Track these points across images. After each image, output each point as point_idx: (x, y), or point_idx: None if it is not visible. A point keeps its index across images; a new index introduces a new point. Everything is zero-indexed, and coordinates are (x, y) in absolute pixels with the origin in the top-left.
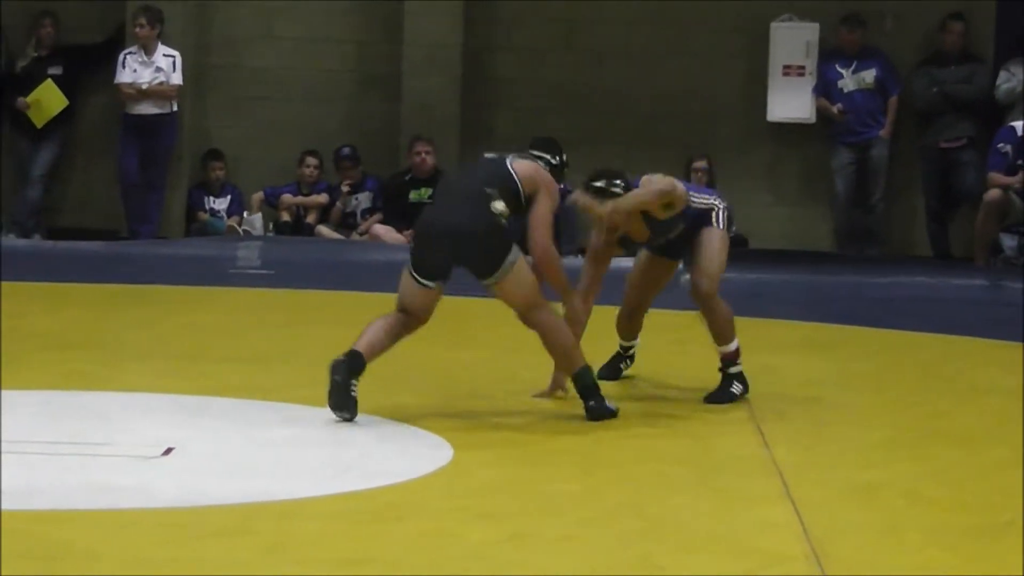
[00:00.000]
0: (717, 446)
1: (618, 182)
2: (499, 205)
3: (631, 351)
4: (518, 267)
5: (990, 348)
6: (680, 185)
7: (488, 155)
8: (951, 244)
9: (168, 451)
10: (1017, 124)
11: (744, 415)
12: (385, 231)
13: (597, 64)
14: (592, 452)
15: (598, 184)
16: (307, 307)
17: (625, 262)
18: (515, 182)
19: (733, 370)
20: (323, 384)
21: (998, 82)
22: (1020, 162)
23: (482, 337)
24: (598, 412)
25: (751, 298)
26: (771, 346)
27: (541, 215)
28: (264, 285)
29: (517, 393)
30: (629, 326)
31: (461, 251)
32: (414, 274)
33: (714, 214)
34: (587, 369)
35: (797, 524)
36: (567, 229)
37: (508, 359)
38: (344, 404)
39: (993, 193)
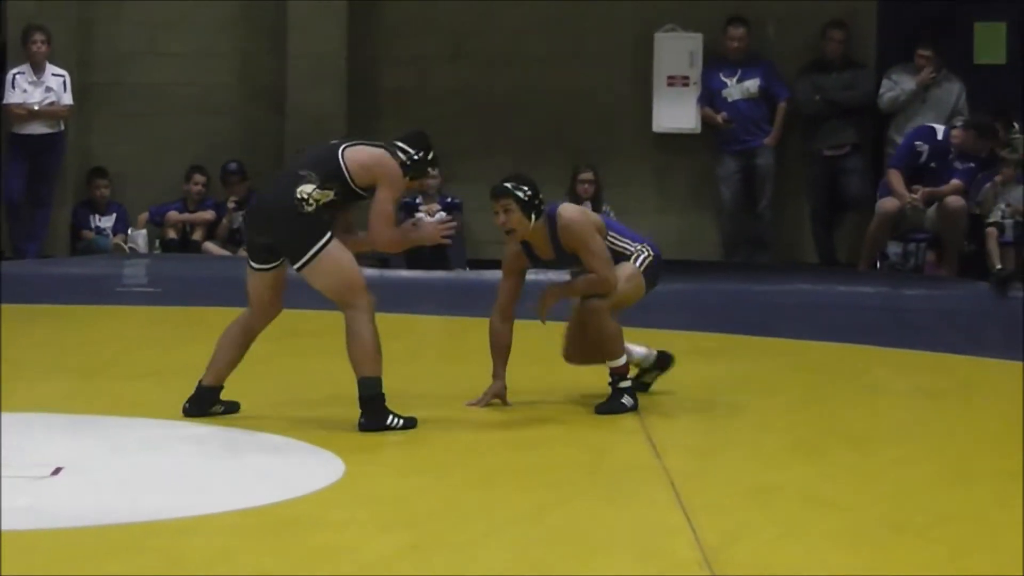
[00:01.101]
0: (610, 455)
1: (525, 187)
2: (306, 189)
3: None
4: (326, 257)
5: (880, 353)
6: (596, 236)
7: (335, 141)
8: (837, 250)
9: (57, 470)
10: (939, 127)
11: (635, 424)
12: None
13: (485, 72)
14: (487, 462)
15: (507, 184)
16: (196, 324)
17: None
18: (342, 170)
19: (623, 384)
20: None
21: (881, 90)
22: (932, 164)
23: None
24: (368, 426)
25: (640, 309)
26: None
27: (377, 206)
28: (152, 303)
29: (412, 405)
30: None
31: (271, 231)
32: (249, 259)
33: (633, 257)
34: (375, 381)
35: (689, 530)
36: (455, 244)
37: (405, 370)
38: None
39: (889, 204)
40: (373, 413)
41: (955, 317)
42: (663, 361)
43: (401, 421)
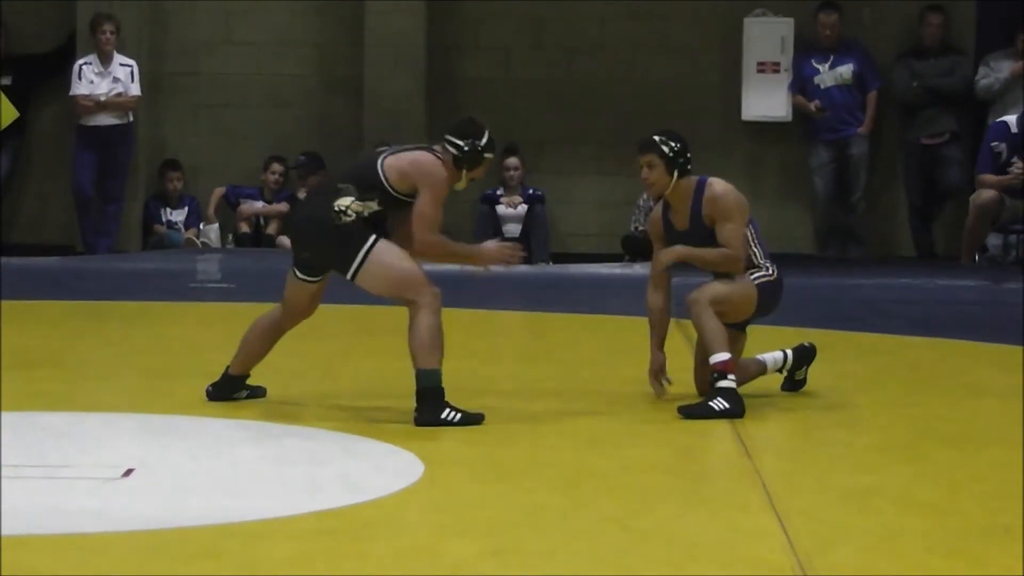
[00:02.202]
0: (700, 456)
1: (672, 143)
2: (344, 201)
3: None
4: (374, 260)
5: (981, 349)
6: (743, 216)
7: (380, 148)
8: (935, 242)
9: (128, 472)
10: (1010, 119)
11: (725, 424)
12: None
13: (568, 62)
14: (572, 464)
15: (655, 138)
16: None
17: None
18: (380, 178)
19: (723, 384)
20: (293, 401)
21: (977, 77)
22: (1015, 159)
23: (458, 347)
24: (422, 420)
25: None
26: (752, 351)
27: (419, 210)
28: (226, 299)
29: (493, 405)
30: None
31: (312, 247)
32: (294, 268)
33: (760, 274)
34: (431, 373)
35: (782, 534)
36: (538, 236)
37: (484, 370)
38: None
39: (985, 195)
40: (428, 406)
41: None
42: (803, 354)
43: (459, 416)
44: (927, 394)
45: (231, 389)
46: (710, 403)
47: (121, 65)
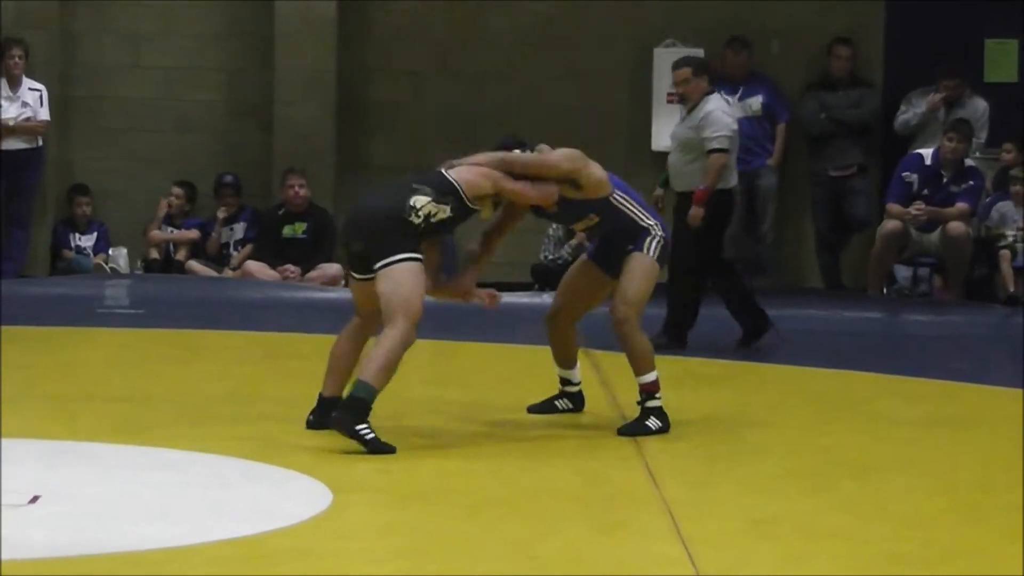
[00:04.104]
0: (606, 482)
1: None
2: (421, 199)
3: (571, 388)
4: (404, 268)
5: (885, 380)
6: (595, 169)
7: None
8: (843, 274)
9: (34, 499)
10: (925, 152)
11: (632, 450)
12: (258, 267)
13: (478, 88)
14: (478, 489)
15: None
16: (180, 347)
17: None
18: (452, 184)
19: (651, 404)
20: (202, 425)
21: (898, 113)
22: (925, 192)
23: None
24: (337, 422)
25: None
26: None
27: (513, 188)
28: (134, 325)
29: (399, 429)
30: (554, 340)
31: (365, 235)
32: (348, 269)
33: (649, 239)
34: (371, 388)
35: (688, 561)
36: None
37: (391, 394)
38: None
39: (891, 224)
40: (350, 413)
41: (961, 343)
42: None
43: (372, 435)
44: (832, 423)
45: (328, 414)
46: (646, 422)
47: (30, 89)
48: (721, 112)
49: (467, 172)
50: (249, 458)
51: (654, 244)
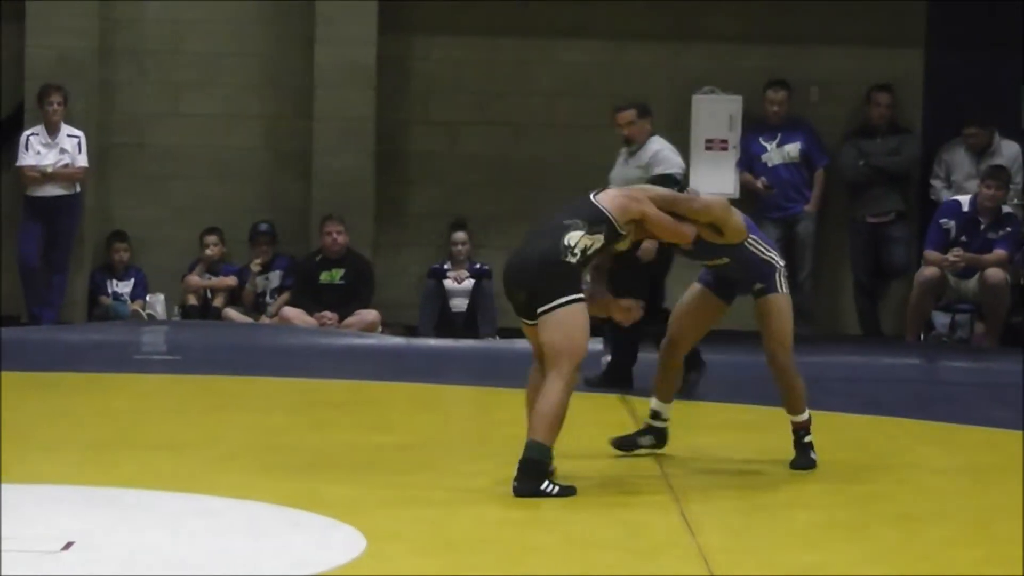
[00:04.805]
0: (643, 532)
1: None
2: (574, 236)
3: (659, 423)
4: (569, 313)
5: (924, 428)
6: (738, 218)
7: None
8: (882, 321)
9: (68, 545)
10: (963, 198)
11: (669, 499)
12: (296, 314)
13: (517, 137)
14: (516, 539)
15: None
16: (217, 393)
17: None
18: (602, 212)
19: (808, 439)
20: (239, 473)
21: (932, 183)
22: (963, 239)
23: (402, 423)
24: (521, 490)
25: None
26: (698, 427)
27: (655, 217)
28: (171, 371)
29: (436, 481)
30: (666, 368)
31: (529, 286)
32: (517, 315)
33: (777, 275)
34: (543, 448)
35: None
36: (485, 311)
37: (435, 444)
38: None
39: (928, 271)
40: (529, 476)
41: (1000, 390)
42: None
43: (557, 488)
44: (871, 472)
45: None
46: (811, 455)
47: (69, 136)
48: (669, 151)
49: (616, 197)
50: (286, 505)
51: (783, 279)
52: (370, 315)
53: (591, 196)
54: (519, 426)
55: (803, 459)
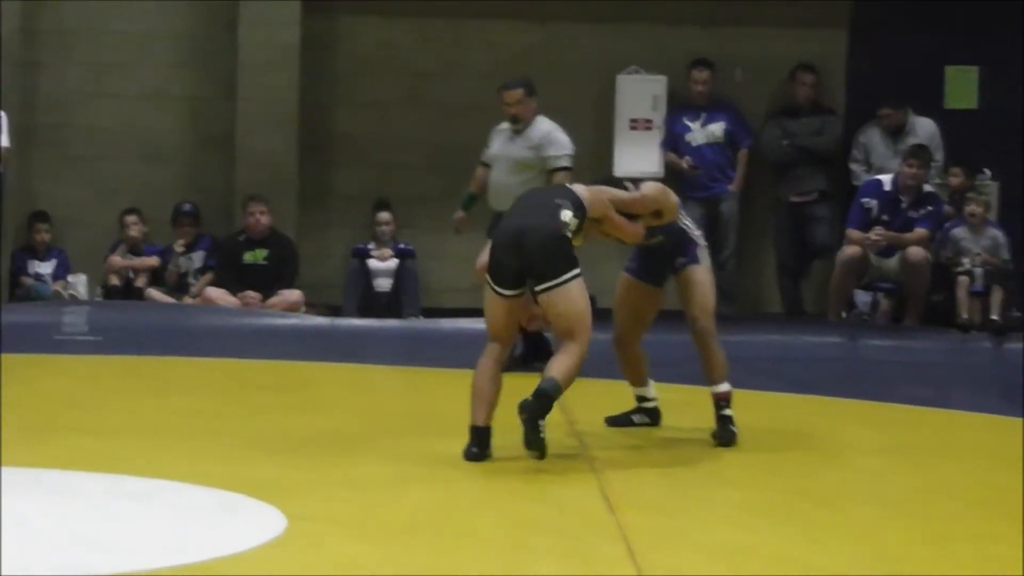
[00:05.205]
0: (568, 512)
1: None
2: (567, 214)
3: (647, 404)
4: (575, 287)
5: (847, 406)
6: (674, 198)
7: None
8: (804, 300)
9: None
10: (884, 178)
11: (591, 479)
12: (219, 294)
13: (445, 119)
14: (446, 519)
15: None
16: (140, 374)
17: None
18: (580, 199)
19: (726, 412)
20: (164, 454)
21: (850, 160)
22: (885, 218)
23: (330, 404)
24: (527, 407)
25: (601, 361)
26: (621, 406)
27: (615, 219)
28: (94, 352)
29: (365, 462)
30: (625, 361)
31: (526, 251)
32: (495, 287)
33: (699, 250)
34: (559, 387)
35: None
36: (409, 291)
37: (356, 425)
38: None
39: (850, 250)
40: (539, 405)
41: (921, 368)
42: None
43: (543, 436)
44: (796, 451)
45: (487, 443)
46: (730, 427)
47: None
48: (560, 132)
49: (588, 193)
50: (214, 487)
51: (705, 253)
52: (293, 295)
53: (566, 186)
54: (449, 407)
55: (723, 432)
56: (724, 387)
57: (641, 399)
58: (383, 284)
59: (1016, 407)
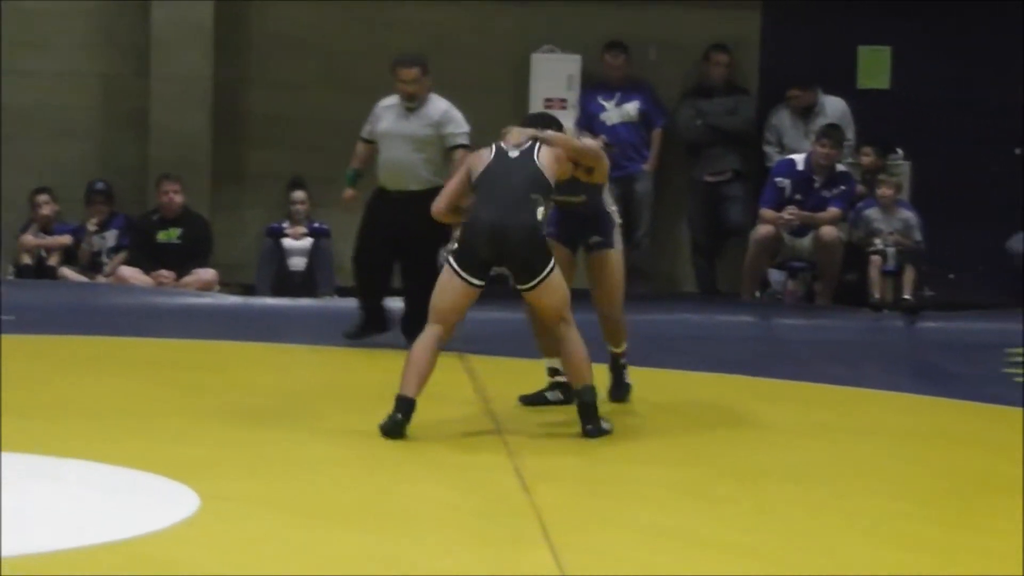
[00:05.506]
0: (479, 490)
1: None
2: (540, 211)
3: (561, 378)
4: (556, 278)
5: (762, 385)
6: (607, 162)
7: (514, 148)
8: (719, 279)
9: None
10: (797, 157)
11: (504, 458)
12: (132, 273)
13: (360, 98)
14: (361, 498)
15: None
16: (53, 353)
17: None
18: (548, 182)
19: (622, 361)
20: (80, 433)
21: (765, 148)
22: (798, 197)
23: (246, 383)
24: (594, 433)
25: (514, 339)
26: (535, 385)
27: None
28: (6, 331)
29: (279, 440)
30: (539, 331)
31: (507, 251)
32: (464, 275)
33: (615, 230)
34: (591, 389)
35: (556, 570)
36: (323, 271)
37: (274, 406)
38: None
39: (764, 229)
40: (594, 418)
41: (835, 347)
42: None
43: (610, 424)
44: (713, 430)
45: (410, 414)
46: (625, 380)
47: None
48: (456, 111)
49: (551, 161)
50: (128, 466)
51: (619, 234)
52: (207, 274)
53: (535, 159)
54: (363, 385)
55: (621, 387)
56: (623, 347)
57: (553, 372)
58: (297, 263)
59: (928, 385)
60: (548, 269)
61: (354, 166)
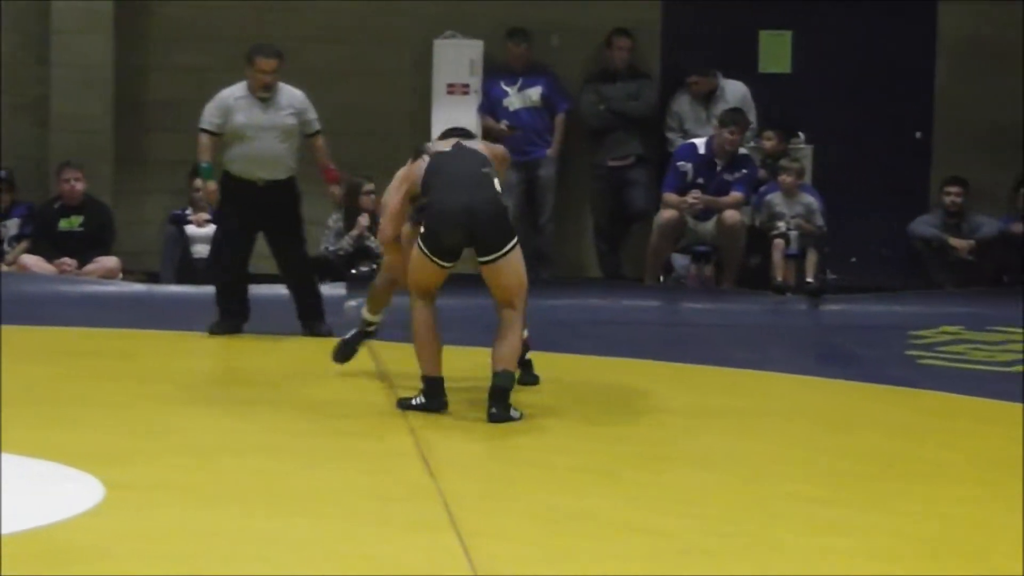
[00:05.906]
0: (386, 475)
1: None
2: (497, 183)
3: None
4: (516, 255)
5: (667, 369)
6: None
7: (454, 144)
8: (623, 264)
9: None
10: (698, 141)
11: (410, 443)
12: (34, 261)
13: None
14: (267, 485)
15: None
16: None
17: None
18: (485, 156)
19: (528, 357)
20: None
21: (668, 133)
22: (700, 181)
23: (155, 371)
24: (498, 418)
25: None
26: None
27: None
28: None
29: (185, 428)
30: (386, 290)
31: (478, 229)
32: (435, 259)
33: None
34: (510, 376)
35: (465, 558)
36: None
37: (183, 394)
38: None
39: (667, 214)
40: (504, 404)
41: (739, 331)
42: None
43: (520, 413)
44: (619, 415)
45: (442, 389)
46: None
47: None
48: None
49: (481, 146)
50: (28, 455)
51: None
52: (110, 262)
53: (470, 147)
54: (267, 371)
55: (530, 374)
56: (525, 333)
57: (369, 324)
58: (201, 250)
59: (832, 368)
60: (510, 245)
61: (207, 159)
